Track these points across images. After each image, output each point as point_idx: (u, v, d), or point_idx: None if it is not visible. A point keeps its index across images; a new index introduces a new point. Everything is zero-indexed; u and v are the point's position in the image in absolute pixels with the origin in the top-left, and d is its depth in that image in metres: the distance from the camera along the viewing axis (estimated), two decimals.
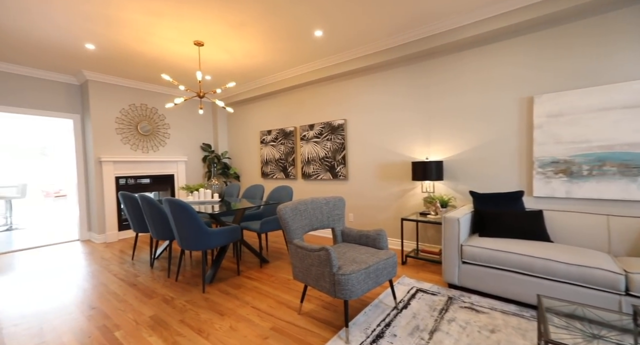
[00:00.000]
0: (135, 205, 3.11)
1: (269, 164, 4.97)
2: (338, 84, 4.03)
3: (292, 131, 4.59)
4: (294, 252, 2.02)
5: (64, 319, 2.08)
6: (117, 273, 2.97)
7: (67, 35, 2.95)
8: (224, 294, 2.44)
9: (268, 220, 3.05)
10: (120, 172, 4.46)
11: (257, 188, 3.87)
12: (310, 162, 4.37)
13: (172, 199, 2.40)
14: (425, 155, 3.29)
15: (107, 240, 4.30)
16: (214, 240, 2.52)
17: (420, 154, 3.33)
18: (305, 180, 4.49)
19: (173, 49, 3.34)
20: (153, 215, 2.76)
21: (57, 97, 4.18)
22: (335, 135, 4.06)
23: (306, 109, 4.42)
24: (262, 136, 5.06)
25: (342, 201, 2.46)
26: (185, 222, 2.41)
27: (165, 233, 2.79)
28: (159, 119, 4.95)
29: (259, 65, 3.96)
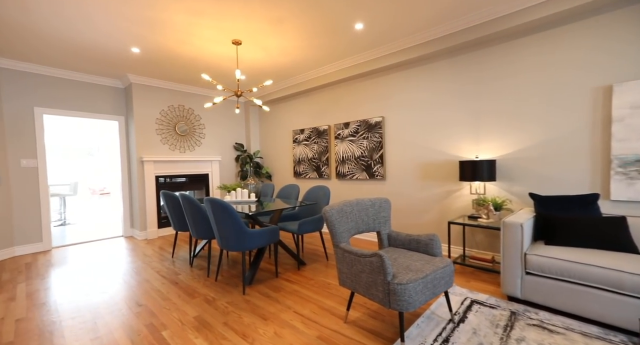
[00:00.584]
0: (176, 204, 3.16)
1: (302, 164, 4.91)
2: (376, 80, 3.86)
3: (326, 130, 4.48)
4: (341, 257, 1.90)
5: (114, 315, 2.12)
6: (159, 270, 3.03)
7: (114, 40, 3.06)
8: (264, 296, 2.37)
9: (306, 221, 2.96)
10: (159, 172, 4.61)
11: (291, 188, 3.80)
12: (345, 162, 4.24)
13: (213, 198, 2.38)
14: (474, 153, 3.03)
15: (147, 237, 4.46)
16: (254, 241, 2.47)
17: (467, 152, 3.07)
18: (340, 180, 4.37)
19: (212, 49, 3.36)
20: (193, 214, 2.77)
21: (105, 100, 4.40)
22: (372, 134, 3.90)
23: (341, 106, 4.29)
24: (294, 135, 5.00)
25: (387, 203, 2.30)
26: (226, 222, 2.38)
27: (205, 232, 2.80)
28: (195, 119, 5.06)
29: (294, 63, 3.89)
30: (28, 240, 3.80)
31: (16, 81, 3.70)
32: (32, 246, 3.83)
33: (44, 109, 3.90)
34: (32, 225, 3.83)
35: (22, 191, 3.76)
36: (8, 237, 3.63)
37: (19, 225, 3.73)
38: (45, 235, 3.92)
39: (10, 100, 3.66)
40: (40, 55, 3.47)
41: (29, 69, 3.75)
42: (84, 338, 1.84)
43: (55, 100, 3.97)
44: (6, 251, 3.60)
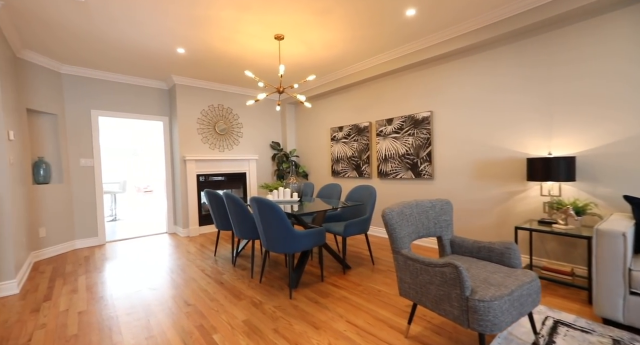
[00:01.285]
0: (220, 203, 3.16)
1: (340, 162, 4.74)
2: (424, 72, 3.57)
3: (367, 127, 4.27)
4: (402, 265, 1.70)
5: (165, 313, 2.11)
6: (204, 268, 3.04)
7: (160, 42, 3.13)
8: (312, 302, 2.25)
9: (353, 223, 2.79)
10: (200, 170, 4.71)
11: (333, 187, 3.65)
12: (388, 160, 4.00)
13: (260, 198, 2.30)
14: (545, 150, 2.65)
15: (189, 234, 4.57)
16: (301, 243, 2.35)
17: (537, 148, 2.70)
18: (382, 180, 4.14)
19: (254, 46, 3.31)
20: (237, 213, 2.73)
21: (151, 101, 4.58)
22: (419, 130, 3.62)
23: (384, 102, 4.06)
24: (332, 133, 4.86)
25: (449, 205, 2.05)
26: (272, 222, 2.28)
27: (248, 232, 2.74)
28: (233, 118, 5.11)
29: (336, 57, 3.74)
30: (86, 234, 4.06)
31: (76, 86, 3.95)
32: (90, 240, 4.08)
33: (99, 111, 4.14)
34: (89, 221, 4.08)
35: (81, 189, 4.02)
36: (70, 231, 3.89)
37: (78, 221, 4.00)
38: (100, 230, 4.17)
39: (71, 104, 3.93)
40: (96, 60, 3.67)
41: (86, 74, 3.99)
42: (140, 336, 1.83)
43: (108, 103, 4.20)
44: (69, 244, 3.87)
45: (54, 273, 3.01)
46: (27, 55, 3.37)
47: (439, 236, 2.01)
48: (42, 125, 3.71)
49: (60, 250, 3.74)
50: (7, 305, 2.30)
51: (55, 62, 3.68)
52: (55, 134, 3.80)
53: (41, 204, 3.55)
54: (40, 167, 3.60)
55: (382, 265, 3.00)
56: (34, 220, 3.46)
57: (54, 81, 3.73)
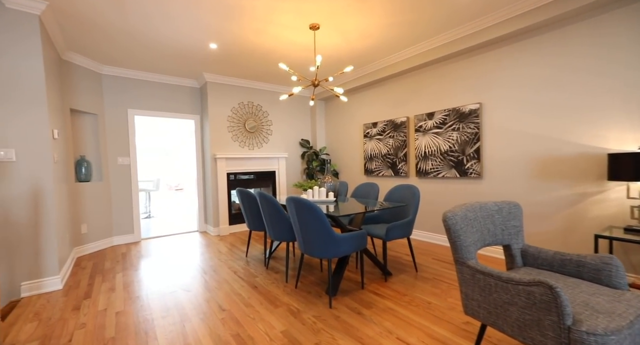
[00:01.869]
0: (252, 203, 3.05)
1: (374, 160, 4.48)
2: (472, 60, 3.22)
3: (404, 122, 3.98)
4: (469, 279, 1.44)
5: (200, 318, 2.01)
6: (236, 270, 2.94)
7: (193, 38, 3.07)
8: (354, 313, 2.04)
9: (396, 226, 2.54)
10: (230, 169, 4.67)
11: (369, 187, 3.42)
12: (428, 157, 3.68)
13: (297, 198, 2.13)
14: (633, 143, 2.23)
15: (220, 233, 4.55)
16: (342, 247, 2.15)
17: (621, 142, 2.29)
18: (421, 178, 3.83)
19: (288, 38, 3.16)
20: (272, 214, 2.59)
21: (183, 100, 4.61)
22: (465, 124, 3.28)
23: (424, 95, 3.75)
24: (365, 129, 4.61)
25: (518, 208, 1.75)
26: (311, 225, 2.10)
27: (283, 234, 2.59)
28: (263, 115, 5.03)
29: (373, 47, 3.49)
30: (123, 231, 4.16)
31: (115, 86, 4.05)
32: (126, 237, 4.18)
33: (135, 110, 4.21)
34: (125, 218, 4.17)
35: (118, 187, 4.12)
36: (109, 228, 4.00)
37: (116, 218, 4.10)
38: (135, 227, 4.25)
39: (110, 103, 4.03)
40: (132, 60, 3.72)
41: (123, 74, 4.08)
42: (175, 343, 1.73)
43: (143, 102, 4.27)
44: (107, 240, 3.97)
45: (94, 269, 3.06)
46: (71, 57, 3.47)
47: (507, 244, 1.71)
48: (84, 124, 3.83)
49: (100, 246, 3.85)
50: (51, 301, 2.33)
51: (96, 63, 3.77)
52: (95, 133, 3.92)
53: (83, 202, 3.66)
54: (82, 165, 3.71)
55: (426, 273, 2.72)
56: (77, 217, 3.58)
57: (95, 82, 3.84)
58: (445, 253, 3.28)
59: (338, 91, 2.82)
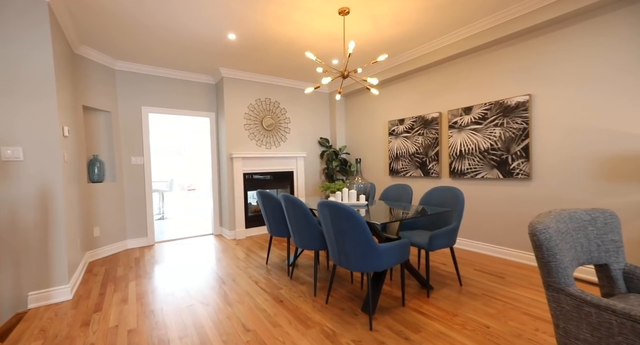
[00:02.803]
0: (275, 206, 2.78)
1: (401, 160, 4.16)
2: (519, 46, 2.87)
3: (436, 118, 3.64)
4: (572, 312, 1.13)
5: (223, 340, 1.75)
6: (257, 280, 2.69)
7: (211, 27, 2.83)
8: (401, 337, 1.74)
9: (440, 234, 2.23)
10: (247, 169, 4.43)
11: (400, 189, 3.10)
12: (465, 156, 3.34)
13: (333, 203, 1.85)
14: None
15: (236, 237, 4.32)
16: (384, 259, 1.86)
17: None
18: (455, 179, 3.49)
19: (314, 26, 2.88)
20: (299, 220, 2.32)
21: (199, 96, 4.40)
22: (511, 119, 2.93)
23: (459, 88, 3.41)
24: (391, 127, 4.29)
25: (615, 218, 1.41)
26: (349, 234, 1.82)
27: (313, 242, 2.31)
28: (281, 112, 4.78)
29: (404, 35, 3.18)
30: (137, 234, 3.97)
31: (129, 82, 3.87)
32: (140, 240, 3.99)
33: (149, 108, 4.03)
34: (139, 220, 3.99)
35: (132, 187, 3.94)
36: (122, 231, 3.82)
37: (130, 220, 3.92)
38: (149, 230, 4.06)
39: (124, 100, 3.85)
40: (147, 54, 3.52)
41: (138, 70, 3.89)
42: None
43: (157, 99, 4.08)
44: (121, 244, 3.79)
45: (106, 277, 2.86)
46: (84, 51, 3.30)
47: (604, 264, 1.38)
48: (97, 122, 3.66)
49: (113, 250, 3.67)
50: (59, 314, 2.12)
51: (109, 59, 3.60)
52: (109, 131, 3.74)
53: (95, 203, 3.48)
54: (95, 165, 3.54)
55: (472, 287, 2.39)
56: (89, 219, 3.40)
57: (108, 78, 3.66)
58: (487, 263, 2.94)
59: (372, 82, 2.52)
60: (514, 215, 2.97)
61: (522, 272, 2.66)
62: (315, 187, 5.18)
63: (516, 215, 2.95)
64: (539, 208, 2.77)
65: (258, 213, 4.68)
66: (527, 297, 2.18)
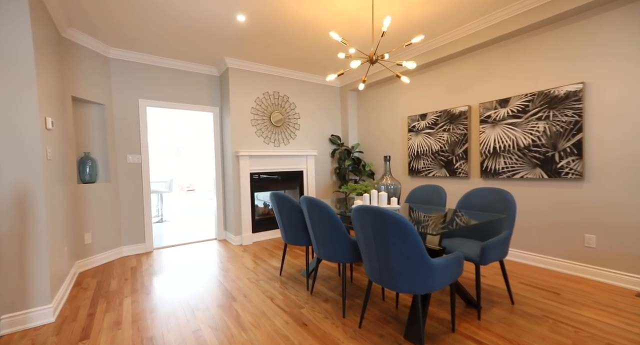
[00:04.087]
0: (292, 211, 2.42)
1: (422, 158, 3.82)
2: (569, 29, 2.53)
3: (465, 112, 3.30)
4: None
5: None
6: (273, 296, 2.33)
7: (219, 6, 2.47)
8: None
9: (493, 245, 1.88)
10: (254, 168, 4.07)
11: (430, 190, 2.76)
12: (500, 154, 3.00)
13: (374, 208, 1.50)
14: None
15: (242, 242, 3.95)
16: (439, 278, 1.51)
17: None
18: (487, 180, 3.14)
19: (336, 5, 2.53)
20: (325, 228, 1.96)
21: (201, 89, 4.04)
22: (558, 112, 2.59)
23: (493, 78, 3.06)
24: (411, 122, 3.94)
25: None
26: (397, 247, 1.46)
27: (343, 254, 1.96)
28: (290, 107, 4.42)
29: (434, 16, 2.83)
30: (133, 240, 3.60)
31: (124, 72, 3.50)
32: (136, 247, 3.62)
33: (147, 101, 3.66)
34: (136, 225, 3.62)
35: (128, 188, 3.56)
36: (117, 237, 3.45)
37: (125, 225, 3.55)
38: (147, 235, 3.69)
39: (119, 92, 3.48)
40: (145, 40, 3.15)
41: (134, 59, 3.52)
42: None
43: (156, 92, 3.71)
44: (116, 251, 3.42)
45: (98, 291, 2.49)
46: (74, 36, 2.93)
47: None
48: (89, 116, 3.29)
49: (106, 258, 3.30)
50: (37, 344, 1.75)
51: (102, 45, 3.23)
52: (102, 126, 3.37)
53: (87, 206, 3.11)
54: (87, 164, 3.16)
55: (527, 306, 2.04)
56: (79, 224, 3.03)
57: (101, 67, 3.29)
58: (533, 275, 2.59)
59: (409, 66, 2.17)
60: (562, 219, 2.63)
61: (580, 288, 2.31)
62: (326, 188, 4.83)
63: (566, 219, 2.61)
64: (594, 211, 2.43)
65: (266, 216, 4.32)
66: (601, 322, 1.83)
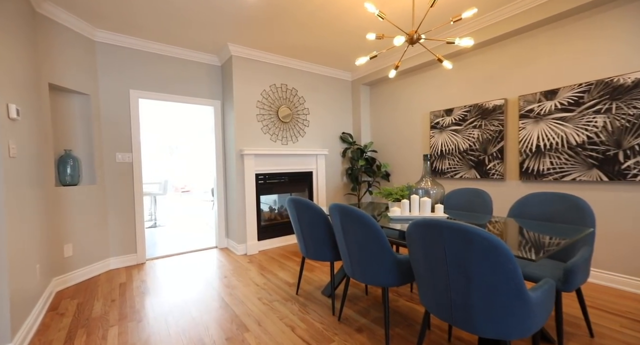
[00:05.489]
0: (315, 219, 2.02)
1: (447, 158, 3.44)
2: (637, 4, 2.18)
3: (500, 106, 2.94)
4: None
5: None
6: (293, 324, 1.91)
7: None
8: None
9: (577, 266, 1.49)
10: (260, 168, 3.65)
11: (471, 195, 2.37)
12: (544, 153, 2.64)
13: (443, 221, 1.10)
14: None
15: (247, 251, 3.52)
16: (538, 316, 1.12)
17: None
18: (528, 182, 2.78)
19: None
20: (363, 243, 1.56)
21: (200, 80, 3.60)
22: (624, 103, 2.23)
23: (537, 66, 2.70)
24: (434, 119, 3.57)
25: None
26: (483, 278, 1.07)
27: (385, 276, 1.56)
28: (299, 102, 4.01)
29: None
30: (123, 251, 3.14)
31: (113, 58, 3.05)
32: (127, 258, 3.16)
33: (139, 92, 3.21)
34: (126, 233, 3.16)
35: (117, 191, 3.11)
36: (104, 247, 2.99)
37: (114, 233, 3.09)
38: (139, 245, 3.24)
39: (107, 81, 3.03)
40: (136, 21, 2.72)
41: (124, 43, 3.08)
42: None
43: (150, 82, 3.27)
44: (102, 264, 2.96)
45: (77, 317, 2.05)
46: (51, 12, 2.48)
47: None
48: (71, 108, 2.84)
49: (91, 273, 2.84)
50: None
51: (87, 26, 2.78)
52: (87, 120, 2.92)
53: (68, 213, 2.65)
54: (67, 163, 2.71)
55: (612, 341, 1.67)
56: (58, 234, 2.57)
57: (86, 51, 2.84)
58: (608, 299, 2.21)
59: (466, 43, 1.79)
60: (635, 229, 2.27)
61: None
62: (336, 191, 4.43)
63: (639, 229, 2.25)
64: None
65: (272, 222, 3.90)
66: None
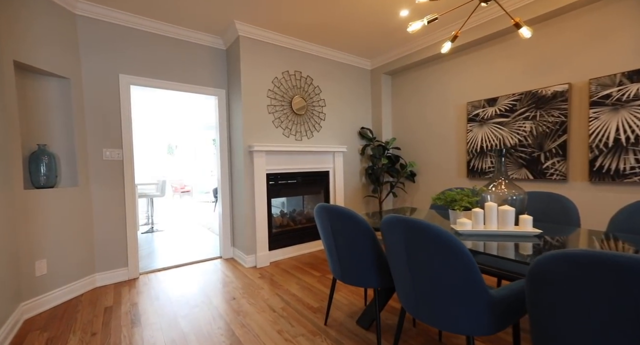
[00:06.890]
0: (359, 235, 1.53)
1: (489, 155, 2.97)
2: None
3: (562, 93, 2.46)
4: None
5: None
6: None
7: None
8: None
9: None
10: (271, 167, 3.17)
11: (545, 200, 1.90)
12: (626, 148, 2.16)
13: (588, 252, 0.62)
14: None
15: (257, 263, 3.04)
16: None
17: None
18: (600, 184, 2.30)
19: None
20: (436, 270, 1.09)
21: (202, 66, 3.12)
22: None
23: (613, 43, 2.22)
24: (472, 110, 3.09)
25: None
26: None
27: (480, 322, 1.08)
28: (314, 92, 3.53)
29: None
30: (111, 265, 2.66)
31: (98, 36, 2.56)
32: (116, 273, 2.68)
33: (131, 78, 2.73)
34: (116, 244, 2.68)
35: (105, 194, 2.63)
36: (88, 261, 2.51)
37: (100, 244, 2.61)
38: (131, 257, 2.75)
39: (91, 63, 2.54)
40: None
41: (112, 19, 2.59)
42: None
43: (144, 67, 2.79)
44: (86, 281, 2.48)
45: None
46: None
47: None
48: (47, 94, 2.35)
49: (70, 294, 2.35)
50: None
51: None
52: (67, 109, 2.43)
53: (41, 221, 2.17)
54: (42, 161, 2.23)
55: None
56: (27, 249, 2.08)
57: (64, 25, 2.35)
58: None
59: None
60: None
61: None
62: (354, 193, 3.95)
63: None
64: None
65: (284, 229, 3.41)
66: None
